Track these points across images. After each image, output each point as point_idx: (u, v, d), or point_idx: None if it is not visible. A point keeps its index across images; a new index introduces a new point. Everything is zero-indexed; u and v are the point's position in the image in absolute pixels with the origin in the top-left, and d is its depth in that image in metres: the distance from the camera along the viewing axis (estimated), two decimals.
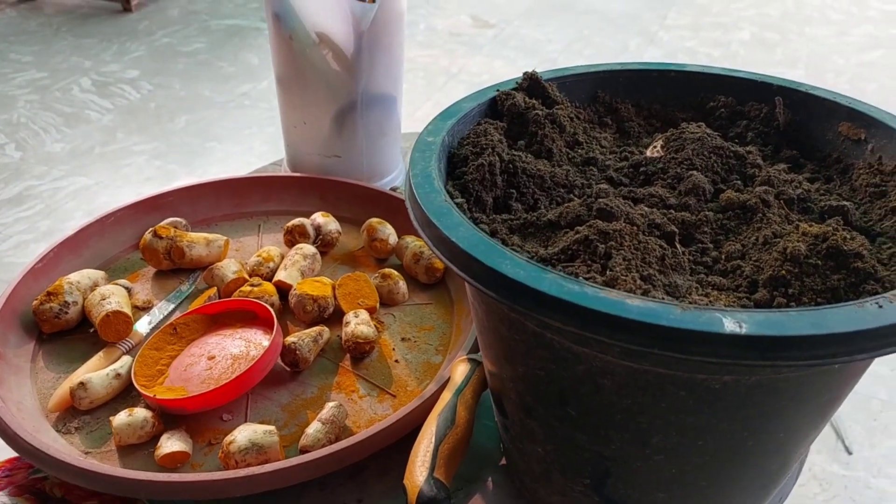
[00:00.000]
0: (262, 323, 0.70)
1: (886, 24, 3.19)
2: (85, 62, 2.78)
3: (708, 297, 0.42)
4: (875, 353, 0.36)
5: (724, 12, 3.29)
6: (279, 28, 0.84)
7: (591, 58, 2.88)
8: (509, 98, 0.57)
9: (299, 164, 0.95)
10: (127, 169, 2.19)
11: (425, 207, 0.45)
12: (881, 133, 0.53)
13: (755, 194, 0.49)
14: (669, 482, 0.47)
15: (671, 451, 0.45)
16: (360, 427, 0.63)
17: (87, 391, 0.63)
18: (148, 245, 0.77)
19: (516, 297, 0.39)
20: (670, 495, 0.49)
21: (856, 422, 1.49)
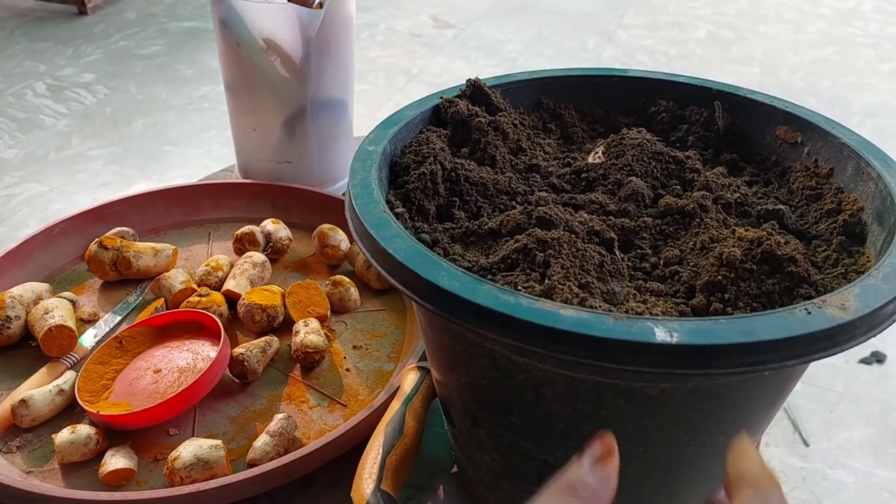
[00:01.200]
0: (209, 334, 0.69)
1: (839, 22, 3.25)
2: (39, 66, 2.73)
3: (646, 304, 0.43)
4: (805, 358, 0.36)
5: (680, 11, 3.32)
6: (226, 34, 0.83)
7: (550, 57, 2.89)
8: (452, 105, 0.57)
9: (250, 171, 0.94)
10: (83, 174, 2.16)
11: (363, 218, 0.45)
12: (816, 136, 0.54)
13: (693, 199, 0.49)
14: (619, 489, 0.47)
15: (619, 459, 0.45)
16: (311, 438, 0.63)
17: (28, 409, 0.62)
18: (93, 256, 0.76)
19: (453, 309, 0.39)
20: (616, 501, 0.49)
21: (813, 414, 1.52)
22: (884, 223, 0.46)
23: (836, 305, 0.37)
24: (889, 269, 0.40)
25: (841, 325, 0.36)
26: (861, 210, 0.49)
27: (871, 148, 0.51)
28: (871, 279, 0.39)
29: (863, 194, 0.49)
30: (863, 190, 0.50)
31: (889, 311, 0.39)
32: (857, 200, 0.49)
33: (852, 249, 0.47)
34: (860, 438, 1.48)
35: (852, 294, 0.38)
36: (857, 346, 0.38)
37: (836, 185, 0.52)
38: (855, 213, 0.48)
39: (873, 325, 0.38)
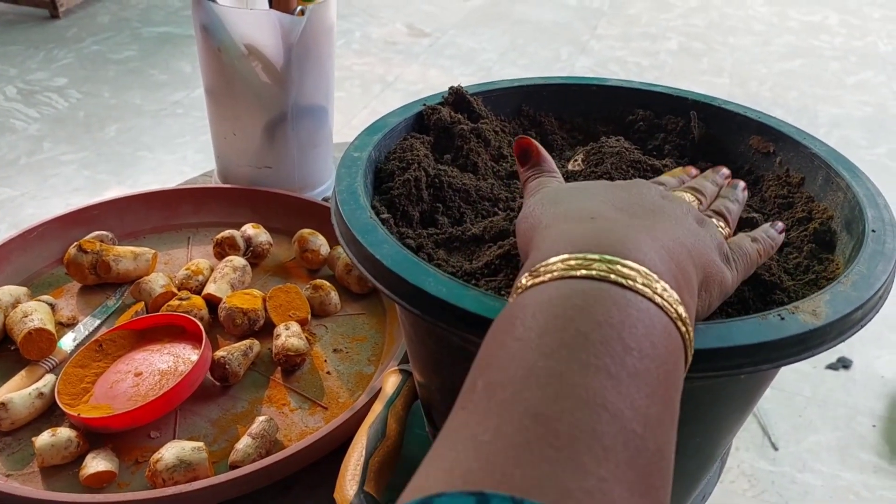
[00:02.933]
0: (190, 337, 0.69)
1: (806, 35, 3.32)
2: (10, 70, 2.70)
3: None
4: (778, 362, 0.38)
5: (652, 23, 3.37)
6: (207, 40, 0.83)
7: (525, 67, 2.92)
8: (435, 112, 0.58)
9: (230, 176, 0.94)
10: (54, 179, 2.14)
11: (350, 224, 0.45)
12: (788, 146, 0.56)
13: None
14: None
15: None
16: (292, 441, 0.63)
17: (8, 412, 0.62)
18: (73, 260, 0.76)
19: (439, 313, 0.40)
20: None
21: (782, 418, 1.55)
22: (852, 231, 0.48)
23: (808, 311, 0.39)
24: (857, 277, 0.42)
25: (813, 330, 0.38)
26: (831, 219, 0.50)
27: (841, 158, 0.53)
28: (841, 286, 0.41)
29: (832, 203, 0.51)
30: (832, 199, 0.51)
31: (857, 317, 0.41)
32: (826, 209, 0.51)
33: (822, 257, 0.49)
34: (827, 442, 1.51)
35: (823, 301, 0.40)
36: (828, 350, 0.40)
37: (807, 193, 0.53)
38: (825, 221, 0.50)
39: (843, 331, 0.40)
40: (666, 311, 0.31)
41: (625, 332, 0.29)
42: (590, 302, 0.30)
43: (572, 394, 0.27)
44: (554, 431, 0.26)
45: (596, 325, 0.29)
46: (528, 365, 0.28)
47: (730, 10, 3.54)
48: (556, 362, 0.28)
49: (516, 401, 0.27)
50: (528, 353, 0.29)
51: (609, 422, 0.26)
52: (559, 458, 0.25)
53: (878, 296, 0.42)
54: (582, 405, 0.26)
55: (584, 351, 0.28)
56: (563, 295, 0.31)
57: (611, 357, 0.28)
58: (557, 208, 0.38)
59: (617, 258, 0.32)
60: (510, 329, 0.30)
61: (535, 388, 0.27)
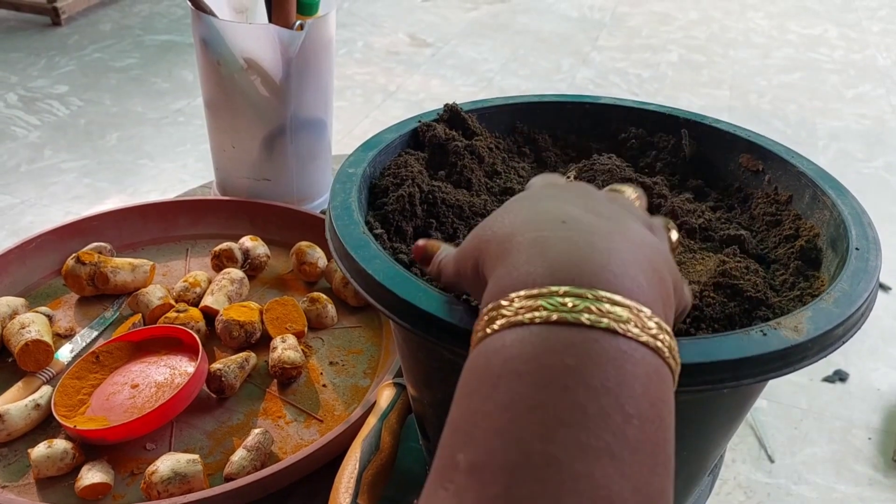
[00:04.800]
0: (187, 350, 0.70)
1: (805, 48, 3.34)
2: (11, 77, 2.71)
3: None
4: (760, 377, 0.38)
5: (653, 35, 3.39)
6: (207, 53, 0.84)
7: (526, 77, 2.93)
8: (430, 129, 0.59)
9: (229, 188, 0.95)
10: (55, 187, 2.15)
11: (343, 239, 0.46)
12: (777, 165, 0.57)
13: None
14: None
15: None
16: (287, 453, 0.64)
17: (4, 423, 0.62)
18: (70, 271, 0.77)
19: (429, 328, 0.40)
20: None
21: (778, 430, 1.55)
22: (837, 249, 0.49)
23: (789, 327, 0.40)
24: (840, 294, 0.42)
25: (794, 346, 0.39)
26: (817, 236, 0.51)
27: (827, 177, 0.54)
28: (823, 303, 0.42)
29: (819, 221, 0.52)
30: (819, 217, 0.52)
31: (839, 333, 0.41)
32: (813, 227, 0.52)
33: (808, 274, 0.49)
34: (823, 454, 1.52)
35: (805, 317, 0.41)
36: (809, 365, 0.40)
37: (795, 211, 0.54)
38: (811, 238, 0.51)
39: (824, 346, 0.41)
40: (660, 354, 0.29)
41: (623, 397, 0.27)
42: (583, 361, 0.27)
43: (575, 488, 0.24)
44: None
45: (593, 394, 0.26)
46: (521, 449, 0.25)
47: (730, 23, 3.56)
48: (555, 447, 0.25)
49: (512, 497, 0.24)
50: (519, 431, 0.26)
51: None
52: None
53: (859, 312, 0.43)
54: (587, 501, 0.24)
55: (583, 429, 0.26)
56: (551, 350, 0.28)
57: (612, 434, 0.26)
58: (525, 210, 0.35)
59: (606, 293, 0.29)
60: (492, 392, 0.27)
61: (532, 481, 0.24)
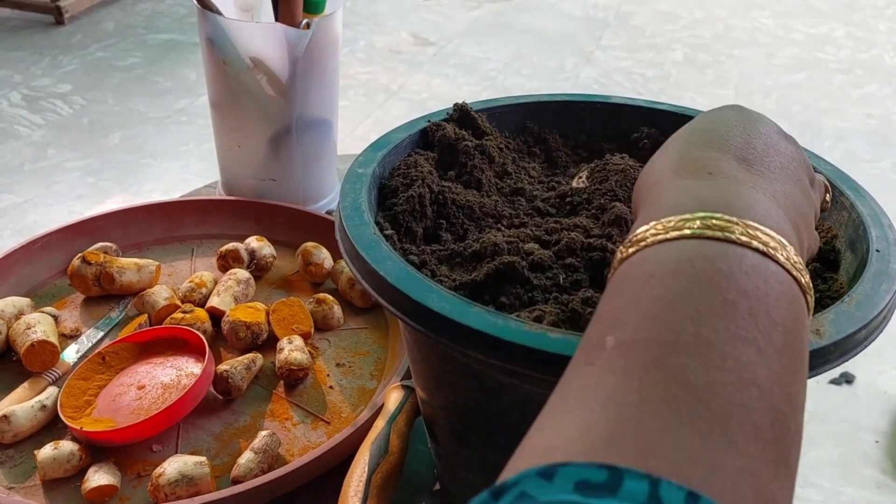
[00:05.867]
0: (193, 350, 0.69)
1: (811, 48, 3.32)
2: (14, 76, 2.71)
3: None
4: None
5: (657, 34, 3.38)
6: (212, 52, 0.84)
7: (529, 76, 2.93)
8: (440, 129, 0.58)
9: (234, 188, 0.94)
10: (58, 186, 2.14)
11: (354, 240, 0.45)
12: None
13: None
14: None
15: None
16: (294, 455, 0.63)
17: (10, 424, 0.62)
18: (76, 271, 0.76)
19: (442, 330, 0.40)
20: None
21: None
22: (856, 251, 0.48)
23: (811, 331, 0.39)
24: (862, 297, 0.42)
25: (816, 349, 0.38)
26: (835, 238, 0.50)
27: (845, 177, 0.53)
28: (845, 306, 0.41)
29: (836, 222, 0.51)
30: (836, 218, 0.51)
31: (861, 336, 0.41)
32: (831, 228, 0.51)
33: (826, 276, 0.48)
34: (829, 457, 1.51)
35: (827, 320, 0.40)
36: (830, 370, 0.40)
37: None
38: (829, 240, 0.50)
39: (846, 350, 0.40)
40: (800, 285, 0.30)
41: (771, 306, 0.28)
42: (734, 269, 0.28)
43: (723, 366, 0.25)
44: (706, 404, 0.24)
45: (744, 296, 0.27)
46: (673, 328, 0.26)
47: (735, 22, 3.55)
48: (706, 330, 0.26)
49: (662, 366, 0.25)
50: (672, 314, 0.27)
51: (759, 399, 0.25)
52: (712, 433, 0.23)
53: (881, 315, 0.42)
54: (734, 379, 0.25)
55: (733, 322, 0.26)
56: (705, 257, 0.29)
57: (759, 331, 0.26)
58: (672, 156, 0.36)
59: (755, 223, 0.30)
60: (643, 287, 0.28)
61: (683, 354, 0.25)
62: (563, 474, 0.21)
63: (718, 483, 0.22)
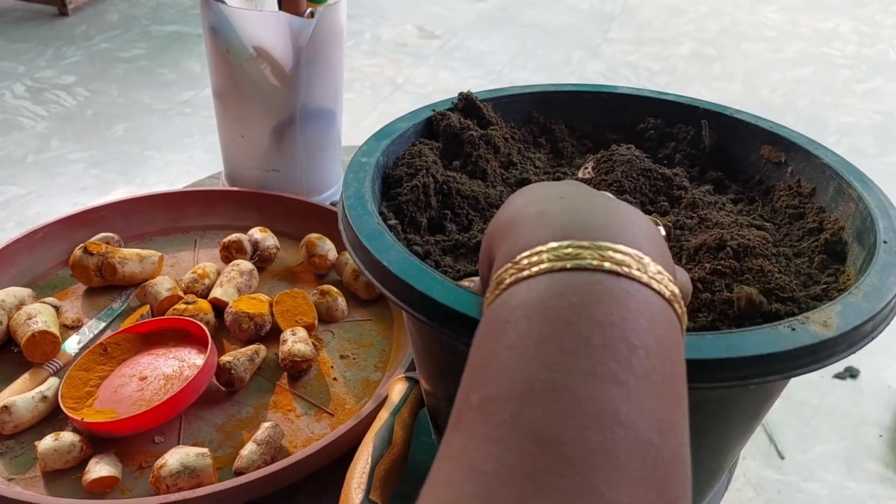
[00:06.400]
0: (196, 342, 0.69)
1: (818, 42, 3.31)
2: (18, 67, 2.71)
3: None
4: (788, 374, 0.37)
5: (664, 27, 3.37)
6: (216, 41, 0.83)
7: (534, 70, 2.91)
8: (445, 118, 0.58)
9: (238, 178, 0.94)
10: (62, 178, 2.14)
11: (357, 230, 0.45)
12: (800, 156, 0.55)
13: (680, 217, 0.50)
14: None
15: None
16: (297, 447, 0.63)
17: (11, 415, 0.61)
18: (78, 261, 0.76)
19: (445, 321, 0.39)
20: None
21: (788, 427, 1.54)
22: (863, 243, 0.48)
23: (818, 322, 0.38)
24: (869, 288, 0.41)
25: (823, 341, 0.38)
26: (842, 229, 0.50)
27: (852, 169, 0.52)
28: (852, 297, 0.41)
29: (843, 214, 0.51)
30: (843, 210, 0.51)
31: (868, 328, 0.40)
32: (838, 220, 0.51)
33: (833, 268, 0.48)
34: (834, 452, 1.50)
35: (834, 311, 0.39)
36: (838, 362, 0.39)
37: (818, 204, 0.53)
38: (836, 232, 0.50)
39: (853, 342, 0.39)
40: (663, 295, 0.28)
41: (628, 330, 0.26)
42: (587, 299, 0.27)
43: (580, 410, 0.24)
44: (563, 458, 0.23)
45: (597, 327, 0.26)
46: (526, 378, 0.25)
47: (742, 16, 3.53)
48: (559, 374, 0.25)
49: (517, 422, 0.24)
50: (524, 363, 0.26)
51: (623, 438, 0.24)
52: (571, 489, 0.22)
53: (889, 307, 0.41)
54: (592, 422, 0.24)
55: (587, 358, 0.25)
56: (556, 293, 0.28)
57: (617, 361, 0.25)
58: (523, 196, 0.35)
59: (607, 243, 0.29)
60: (501, 335, 0.27)
61: (537, 405, 0.24)
62: None
63: None
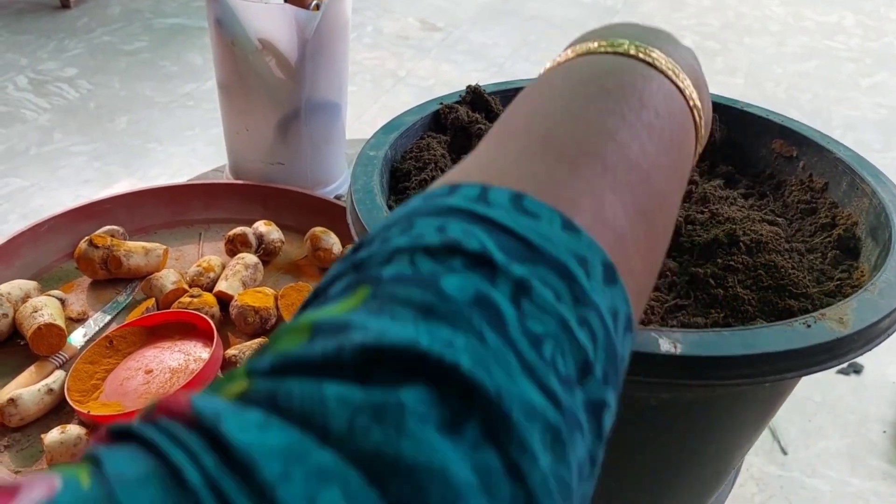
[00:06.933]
0: (201, 335, 0.68)
1: (821, 36, 3.29)
2: (21, 59, 2.70)
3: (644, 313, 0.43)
4: (804, 371, 0.37)
5: (666, 21, 3.35)
6: (221, 34, 0.83)
7: (537, 63, 2.90)
8: (452, 112, 0.57)
9: (242, 171, 0.93)
10: (64, 170, 2.14)
11: (366, 224, 0.45)
12: (812, 151, 0.55)
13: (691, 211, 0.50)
14: (609, 497, 0.48)
15: (610, 467, 0.45)
16: None
17: (17, 407, 0.61)
18: (83, 254, 0.75)
19: None
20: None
21: (791, 423, 1.54)
22: (878, 238, 0.47)
23: (834, 319, 0.38)
24: (885, 285, 0.41)
25: (839, 338, 0.37)
26: (855, 225, 0.49)
27: (865, 164, 0.52)
28: (868, 294, 0.40)
29: (857, 209, 0.50)
30: (857, 205, 0.50)
31: (884, 325, 0.40)
32: (851, 215, 0.50)
33: (846, 264, 0.48)
34: (837, 448, 1.50)
35: (850, 308, 0.39)
36: (853, 359, 0.39)
37: (831, 199, 0.52)
38: (849, 227, 0.49)
39: (869, 339, 0.39)
40: (685, 96, 0.32)
41: (644, 94, 0.30)
42: (616, 69, 0.31)
43: (584, 126, 0.28)
44: (557, 147, 0.27)
45: (619, 85, 0.30)
46: (546, 109, 0.30)
47: (745, 10, 3.52)
48: (576, 105, 0.29)
49: (529, 128, 0.29)
50: (548, 100, 0.30)
51: (615, 150, 0.27)
52: (557, 165, 0.26)
53: None
54: (591, 133, 0.28)
55: (604, 100, 0.29)
56: (592, 62, 0.32)
57: (628, 107, 0.29)
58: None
59: (646, 45, 0.33)
60: (535, 87, 0.32)
61: (549, 121, 0.29)
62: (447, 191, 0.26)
63: (550, 192, 0.25)
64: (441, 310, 0.21)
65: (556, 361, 0.21)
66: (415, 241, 0.23)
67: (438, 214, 0.24)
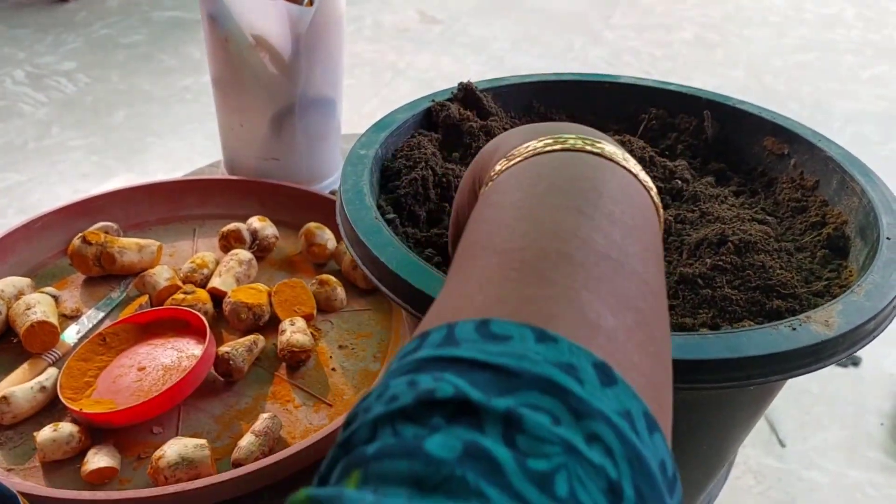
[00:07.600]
0: (194, 332, 0.69)
1: (821, 28, 3.28)
2: (18, 53, 2.69)
3: None
4: (789, 374, 0.37)
5: (667, 13, 3.34)
6: (214, 29, 0.83)
7: (537, 56, 2.90)
8: (444, 109, 0.57)
9: (237, 167, 0.93)
10: (62, 165, 2.13)
11: (355, 225, 0.45)
12: (803, 149, 0.55)
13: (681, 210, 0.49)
14: None
15: None
16: (296, 438, 0.63)
17: (9, 405, 0.61)
18: (77, 251, 0.75)
19: None
20: None
21: (789, 416, 1.54)
22: (866, 238, 0.47)
23: (820, 322, 0.38)
24: (871, 287, 0.41)
25: (824, 341, 0.37)
26: (845, 224, 0.49)
27: (856, 162, 0.52)
28: (854, 296, 0.40)
29: (847, 208, 0.50)
30: (847, 204, 0.50)
31: (870, 327, 0.40)
32: (841, 214, 0.50)
33: (835, 263, 0.48)
34: (834, 440, 1.50)
35: (835, 310, 0.39)
36: (839, 361, 0.39)
37: (821, 197, 0.52)
38: (839, 226, 0.49)
39: (855, 342, 0.39)
40: (638, 179, 0.32)
41: (599, 183, 0.29)
42: (565, 163, 0.31)
43: (540, 228, 0.27)
44: (518, 259, 0.26)
45: (570, 179, 0.29)
46: (500, 219, 0.29)
47: (745, 2, 3.50)
48: (528, 209, 0.28)
49: (487, 246, 0.28)
50: (501, 210, 0.29)
51: (580, 246, 0.26)
52: (522, 278, 0.25)
53: (891, 305, 0.41)
54: (550, 235, 0.27)
55: (556, 197, 0.28)
56: (537, 163, 0.31)
57: (584, 200, 0.28)
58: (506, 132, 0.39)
59: (591, 138, 0.32)
60: (484, 202, 0.31)
61: (505, 232, 0.28)
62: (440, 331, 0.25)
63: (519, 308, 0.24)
64: (432, 478, 0.19)
65: (576, 496, 0.19)
66: (391, 406, 0.22)
67: (409, 371, 0.23)
